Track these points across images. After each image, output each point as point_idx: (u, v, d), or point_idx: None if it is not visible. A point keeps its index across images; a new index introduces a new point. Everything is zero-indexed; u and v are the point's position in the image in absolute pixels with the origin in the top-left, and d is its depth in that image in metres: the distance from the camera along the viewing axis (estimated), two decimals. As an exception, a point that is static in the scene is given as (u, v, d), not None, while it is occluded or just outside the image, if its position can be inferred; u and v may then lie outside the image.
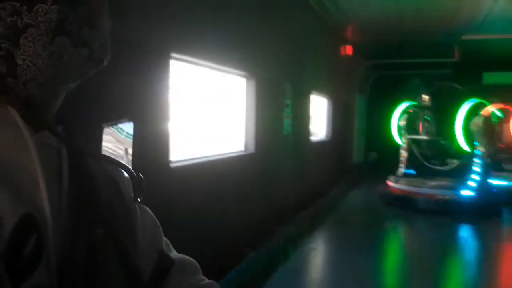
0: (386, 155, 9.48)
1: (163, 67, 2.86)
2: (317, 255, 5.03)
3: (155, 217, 0.73)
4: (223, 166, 3.88)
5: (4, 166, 0.48)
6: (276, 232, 4.41)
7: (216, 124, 4.13)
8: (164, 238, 0.73)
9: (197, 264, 0.72)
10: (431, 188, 7.03)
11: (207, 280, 0.72)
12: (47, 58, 0.51)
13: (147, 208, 0.71)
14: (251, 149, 4.47)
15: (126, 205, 0.64)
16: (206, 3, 3.43)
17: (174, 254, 0.73)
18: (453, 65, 10.58)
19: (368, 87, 11.95)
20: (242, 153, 4.40)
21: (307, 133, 6.48)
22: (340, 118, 8.59)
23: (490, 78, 11.01)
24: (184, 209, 2.93)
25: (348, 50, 9.04)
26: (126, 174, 0.66)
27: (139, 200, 0.68)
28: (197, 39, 3.26)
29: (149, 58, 2.69)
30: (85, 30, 0.53)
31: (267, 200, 4.64)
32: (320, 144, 7.47)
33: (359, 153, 10.71)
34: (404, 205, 6.83)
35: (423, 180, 7.38)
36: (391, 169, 7.93)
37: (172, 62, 2.97)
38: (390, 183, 7.52)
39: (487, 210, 6.46)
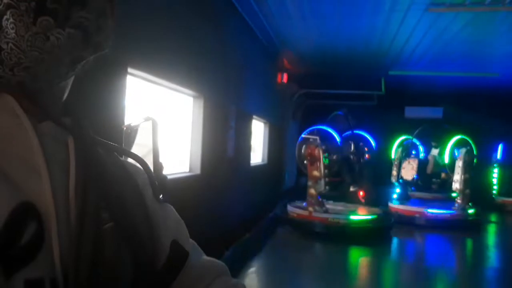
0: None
1: (121, 80, 2.77)
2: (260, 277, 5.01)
3: (177, 214, 0.71)
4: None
5: (1, 156, 0.46)
6: (222, 255, 4.34)
7: (163, 143, 4.02)
8: (190, 240, 0.71)
9: (226, 267, 0.72)
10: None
11: (234, 280, 0.71)
12: (31, 39, 0.48)
13: (170, 206, 0.70)
14: (197, 170, 4.40)
15: (142, 199, 0.61)
16: (163, 24, 3.40)
17: (204, 258, 0.71)
18: (378, 98, 11.30)
19: (300, 114, 12.35)
20: (187, 174, 4.31)
21: (248, 156, 6.52)
22: (275, 143, 8.77)
23: (412, 112, 11.84)
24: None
25: (285, 77, 9.33)
26: (143, 170, 0.65)
27: (161, 197, 0.67)
28: (152, 56, 3.22)
29: (109, 70, 2.59)
30: (75, 11, 0.50)
31: (212, 222, 4.57)
32: (258, 167, 7.55)
33: (291, 178, 10.94)
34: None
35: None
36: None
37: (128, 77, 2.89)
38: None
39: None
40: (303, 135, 8.51)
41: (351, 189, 8.82)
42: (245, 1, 5.19)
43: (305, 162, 7.34)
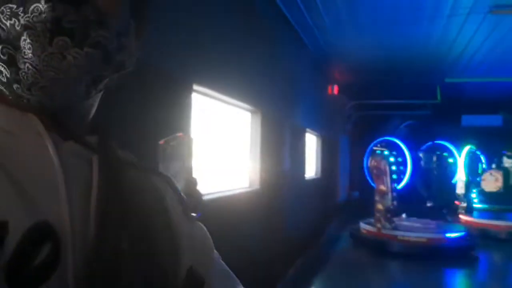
0: (368, 194, 9.52)
1: (187, 97, 2.80)
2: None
3: (206, 232, 0.67)
4: (229, 203, 3.77)
5: (21, 174, 0.47)
6: (281, 277, 4.26)
7: (222, 159, 4.04)
8: (219, 263, 0.68)
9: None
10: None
11: None
12: (47, 59, 0.48)
13: (200, 224, 0.67)
14: (256, 185, 4.38)
15: (168, 223, 0.59)
16: (223, 41, 3.45)
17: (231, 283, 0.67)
18: (432, 107, 10.92)
19: (350, 126, 12.15)
20: (247, 189, 4.30)
21: (303, 170, 6.45)
22: (327, 156, 8.63)
23: (469, 120, 11.35)
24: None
25: (335, 89, 9.22)
26: (172, 188, 0.63)
27: (193, 215, 0.65)
28: (215, 73, 3.26)
29: (175, 88, 2.63)
30: (93, 30, 0.49)
31: (274, 237, 4.51)
32: (312, 181, 7.44)
33: (343, 192, 10.74)
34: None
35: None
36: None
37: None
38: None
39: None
40: (372, 147, 8.44)
41: (428, 204, 8.45)
42: (299, 15, 5.18)
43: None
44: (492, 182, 8.62)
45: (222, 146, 4.05)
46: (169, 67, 2.59)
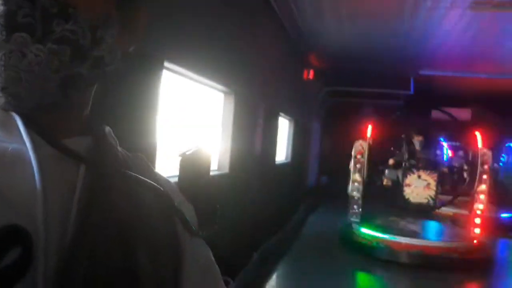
0: (336, 179, 9.59)
1: (157, 74, 2.66)
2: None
3: (211, 256, 0.63)
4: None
5: (2, 175, 0.45)
6: (250, 259, 4.24)
7: (191, 140, 3.94)
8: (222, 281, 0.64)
9: None
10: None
11: None
12: (5, 58, 0.44)
13: (204, 246, 0.62)
14: (225, 169, 4.30)
15: (165, 241, 0.55)
16: (197, 17, 3.30)
17: None
18: (406, 98, 11.03)
19: (323, 112, 12.17)
20: (216, 172, 4.21)
21: (274, 154, 6.40)
22: (299, 141, 8.62)
23: (439, 113, 11.54)
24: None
25: (311, 74, 9.15)
26: (169, 202, 0.57)
27: (202, 233, 0.60)
28: (188, 50, 3.12)
29: (144, 65, 2.49)
30: (56, 24, 0.45)
31: (241, 222, 4.46)
32: (282, 166, 7.42)
33: (313, 177, 10.80)
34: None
35: None
36: (342, 192, 7.87)
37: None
38: None
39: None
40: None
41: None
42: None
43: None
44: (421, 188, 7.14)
45: (192, 127, 3.94)
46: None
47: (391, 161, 7.33)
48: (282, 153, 7.80)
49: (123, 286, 0.48)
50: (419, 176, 7.06)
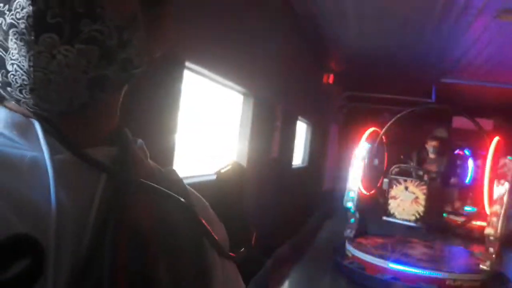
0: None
1: (178, 75, 2.65)
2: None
3: (241, 281, 0.61)
4: (211, 187, 3.65)
5: (7, 183, 0.43)
6: (263, 265, 4.20)
7: (210, 142, 3.92)
8: None
9: None
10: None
11: None
12: (34, 59, 0.43)
13: (235, 270, 0.60)
14: (242, 170, 4.26)
15: (189, 258, 0.52)
16: (220, 18, 3.29)
17: None
18: (425, 105, 10.86)
19: (342, 116, 12.07)
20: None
21: (291, 157, 6.36)
22: (316, 145, 8.56)
23: (459, 122, 11.34)
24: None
25: (330, 78, 9.08)
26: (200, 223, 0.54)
27: (231, 255, 0.57)
28: (210, 51, 3.11)
29: (165, 65, 2.47)
30: (84, 24, 0.44)
31: (257, 225, 4.42)
32: (299, 169, 7.37)
33: (329, 181, 10.71)
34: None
35: None
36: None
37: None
38: None
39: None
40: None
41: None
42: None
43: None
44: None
45: (211, 128, 3.93)
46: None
47: (394, 170, 6.30)
48: (299, 156, 7.74)
49: None
50: (406, 188, 5.88)
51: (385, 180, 6.02)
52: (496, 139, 5.78)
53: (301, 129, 7.74)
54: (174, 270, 0.49)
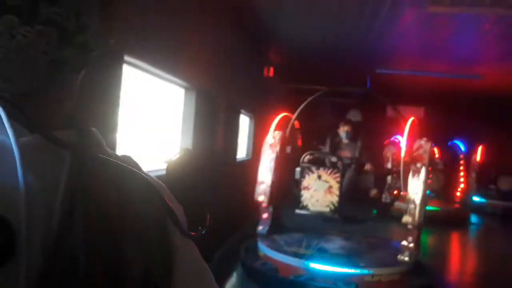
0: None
1: (117, 69, 2.56)
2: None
3: (202, 259, 0.61)
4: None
5: None
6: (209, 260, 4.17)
7: (152, 136, 3.84)
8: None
9: None
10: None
11: None
12: None
13: (195, 247, 0.61)
14: (187, 165, 4.21)
15: (154, 233, 0.53)
16: (160, 11, 3.22)
17: None
18: (362, 96, 11.27)
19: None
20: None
21: (235, 151, 6.36)
22: (259, 138, 8.62)
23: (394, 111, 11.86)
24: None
25: (271, 71, 9.17)
26: (162, 199, 0.56)
27: (191, 234, 0.58)
28: (148, 44, 3.03)
29: (103, 59, 2.38)
30: (43, 6, 0.47)
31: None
32: (243, 163, 7.40)
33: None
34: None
35: None
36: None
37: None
38: None
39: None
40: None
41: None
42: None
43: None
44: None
45: (153, 123, 3.84)
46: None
47: (306, 158, 5.72)
48: (243, 150, 7.77)
49: (110, 275, 0.47)
50: (319, 177, 5.34)
51: (297, 169, 5.51)
52: (411, 119, 5.56)
53: (244, 122, 7.77)
54: (141, 244, 0.50)
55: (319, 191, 5.28)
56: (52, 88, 0.51)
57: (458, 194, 9.92)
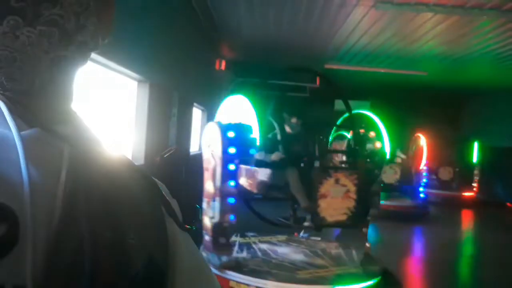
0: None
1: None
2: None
3: (199, 251, 0.64)
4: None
5: None
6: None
7: (103, 129, 3.75)
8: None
9: None
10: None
11: None
12: (0, 39, 0.48)
13: (191, 240, 0.63)
14: (140, 160, 4.16)
15: (153, 222, 0.55)
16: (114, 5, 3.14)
17: None
18: (311, 90, 11.52)
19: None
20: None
21: (188, 145, 6.34)
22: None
23: (340, 105, 12.22)
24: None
25: (223, 65, 9.18)
26: (162, 195, 0.59)
27: (190, 227, 0.58)
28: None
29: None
30: (45, 8, 0.49)
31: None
32: (196, 157, 7.37)
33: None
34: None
35: None
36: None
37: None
38: None
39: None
40: None
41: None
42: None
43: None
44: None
45: (104, 116, 3.76)
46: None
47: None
48: (195, 143, 7.74)
49: (112, 261, 0.48)
50: (336, 181, 4.54)
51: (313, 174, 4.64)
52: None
53: (198, 116, 7.74)
54: (143, 234, 0.52)
55: (336, 198, 4.58)
56: (52, 85, 0.53)
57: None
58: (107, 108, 3.80)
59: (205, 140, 4.02)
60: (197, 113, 7.59)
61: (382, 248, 5.94)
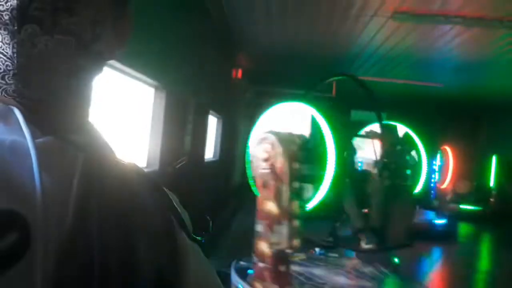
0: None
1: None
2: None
3: (208, 265, 0.64)
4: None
5: (4, 164, 0.45)
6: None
7: (120, 135, 3.80)
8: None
9: None
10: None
11: None
12: (17, 46, 0.48)
13: (201, 251, 0.62)
14: (155, 166, 4.20)
15: (162, 232, 0.55)
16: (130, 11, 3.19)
17: None
18: (328, 100, 11.48)
19: (251, 112, 12.31)
20: (144, 169, 4.10)
21: (203, 152, 6.37)
22: (227, 139, 8.66)
23: (357, 115, 12.18)
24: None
25: (239, 73, 9.22)
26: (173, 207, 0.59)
27: (198, 239, 0.61)
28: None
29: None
30: (63, 17, 0.49)
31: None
32: (210, 164, 7.41)
33: (238, 176, 10.90)
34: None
35: None
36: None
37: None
38: None
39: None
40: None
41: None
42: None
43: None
44: None
45: (121, 121, 3.80)
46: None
47: None
48: (210, 151, 7.78)
49: (122, 272, 0.48)
50: None
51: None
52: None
53: (214, 123, 7.79)
54: (153, 243, 0.52)
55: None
56: (68, 94, 0.53)
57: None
58: (123, 114, 3.86)
59: (259, 152, 3.46)
60: (212, 120, 7.63)
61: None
